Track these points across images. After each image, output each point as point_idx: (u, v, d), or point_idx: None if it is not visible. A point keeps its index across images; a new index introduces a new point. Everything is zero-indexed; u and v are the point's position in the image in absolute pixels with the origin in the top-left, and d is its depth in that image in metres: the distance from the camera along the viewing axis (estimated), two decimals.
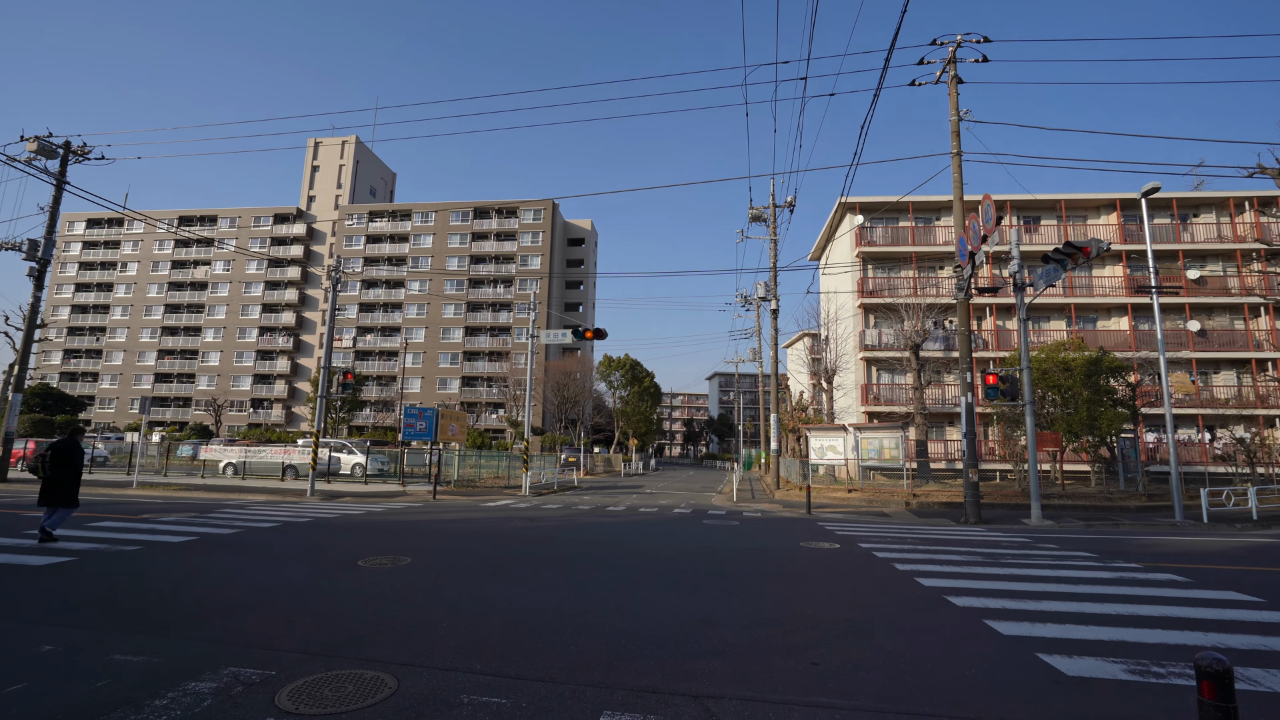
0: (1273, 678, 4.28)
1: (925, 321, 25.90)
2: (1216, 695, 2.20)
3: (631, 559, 8.72)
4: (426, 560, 8.18)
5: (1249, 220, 31.51)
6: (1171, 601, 6.45)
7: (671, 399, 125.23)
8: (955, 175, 15.58)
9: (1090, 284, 31.77)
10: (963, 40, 15.63)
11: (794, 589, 6.90)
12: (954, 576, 7.58)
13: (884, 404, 30.45)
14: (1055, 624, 5.50)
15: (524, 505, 17.01)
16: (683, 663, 4.39)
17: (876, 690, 3.96)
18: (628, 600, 6.23)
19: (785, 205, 22.54)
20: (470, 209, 69.51)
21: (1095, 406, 21.02)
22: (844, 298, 34.39)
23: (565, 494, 22.51)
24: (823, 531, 12.00)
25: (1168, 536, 12.32)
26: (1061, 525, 13.76)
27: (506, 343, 65.80)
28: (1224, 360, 30.66)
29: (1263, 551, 10.36)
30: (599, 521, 13.41)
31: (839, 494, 20.63)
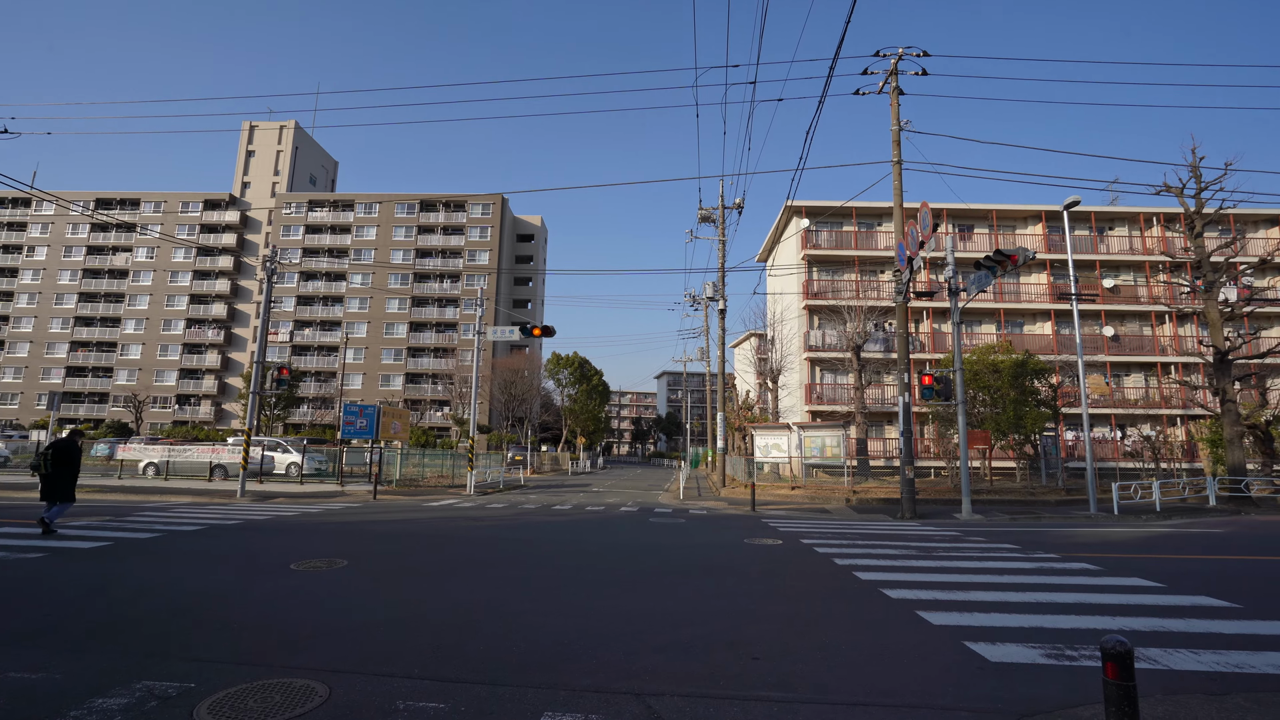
0: (1169, 656, 4.62)
1: (866, 323, 26.78)
2: (1119, 675, 2.36)
3: (576, 558, 8.68)
4: (364, 563, 7.92)
5: (1157, 235, 33.91)
6: (1084, 589, 6.87)
7: (620, 397, 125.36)
8: (896, 183, 16.15)
9: (1018, 291, 33.53)
10: (904, 53, 16.20)
11: (736, 585, 7.01)
12: (889, 570, 7.86)
13: (827, 403, 31.32)
14: (981, 613, 5.77)
15: (468, 505, 16.70)
16: (626, 661, 4.40)
17: (813, 682, 4.06)
18: (572, 599, 6.19)
19: (734, 207, 22.90)
20: (416, 201, 67.67)
21: (1021, 406, 22.22)
22: (790, 299, 35.18)
23: (511, 493, 22.23)
24: (766, 528, 12.25)
25: (1083, 528, 13.13)
26: (989, 519, 14.47)
27: (453, 339, 64.42)
28: (1134, 364, 32.91)
29: (1164, 540, 11.17)
30: (545, 521, 13.30)
31: (783, 491, 21.10)
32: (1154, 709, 3.69)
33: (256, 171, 72.46)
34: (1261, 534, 12.37)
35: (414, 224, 67.13)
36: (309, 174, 75.97)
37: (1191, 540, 11.30)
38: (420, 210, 67.63)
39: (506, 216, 70.35)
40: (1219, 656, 4.65)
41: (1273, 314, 32.75)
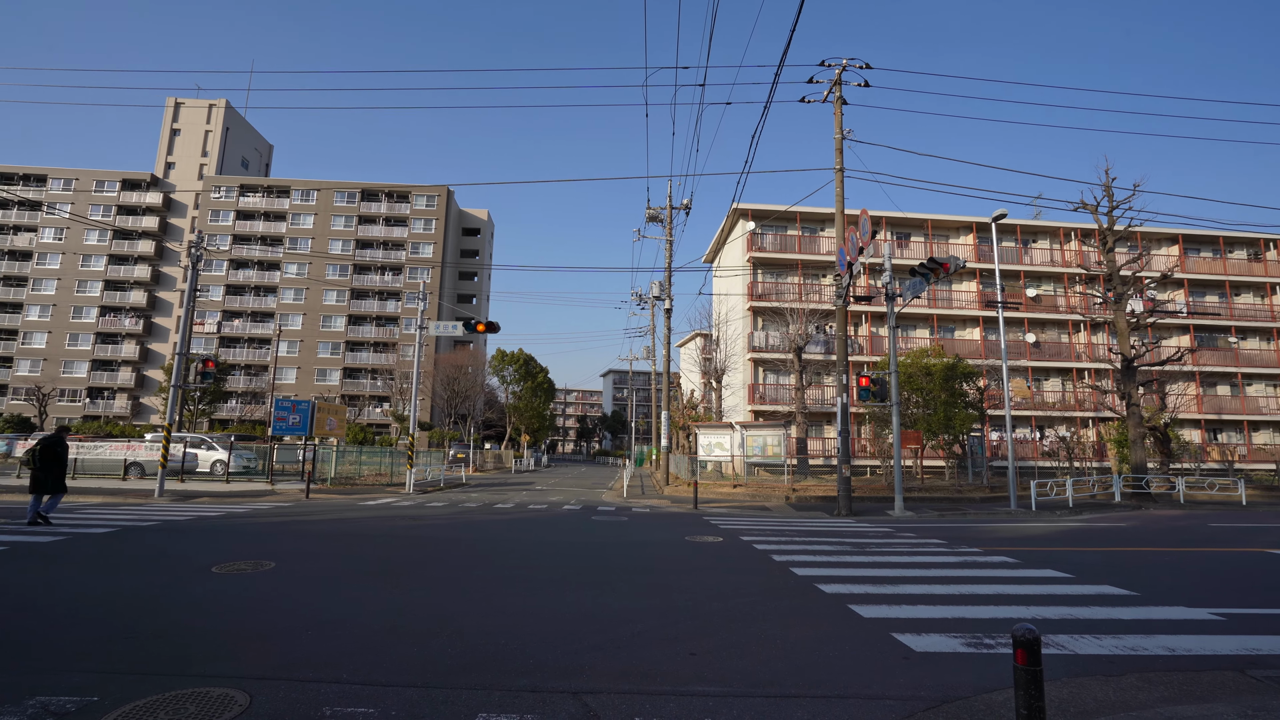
0: (1076, 642, 4.94)
1: (808, 326, 27.51)
2: (1027, 660, 2.51)
3: (516, 557, 8.58)
4: (293, 564, 7.60)
5: (1075, 248, 36.19)
6: (1004, 581, 7.28)
7: (566, 395, 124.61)
8: (838, 190, 16.64)
9: (950, 298, 35.15)
10: (848, 64, 16.71)
11: (676, 582, 7.09)
12: (825, 565, 8.10)
13: (769, 403, 32.01)
14: (909, 606, 6.02)
15: (407, 504, 16.26)
16: (563, 659, 4.38)
17: (748, 676, 4.15)
18: (509, 599, 6.12)
19: (681, 207, 23.10)
20: (358, 190, 65.28)
21: (951, 408, 23.30)
22: (735, 300, 35.77)
23: (452, 491, 21.76)
24: (708, 526, 12.42)
25: (1004, 523, 13.89)
26: (920, 516, 15.11)
27: (394, 333, 62.53)
28: (1053, 369, 35.02)
29: (1075, 534, 11.94)
30: (486, 519, 13.08)
31: (725, 489, 21.45)
32: (1059, 691, 3.94)
33: (182, 152, 68.31)
34: (1158, 527, 13.39)
35: (354, 214, 64.75)
36: (241, 157, 72.20)
37: (1099, 534, 12.12)
38: (361, 200, 65.29)
39: (452, 209, 68.77)
40: (1117, 641, 5.01)
41: (1172, 325, 35.45)
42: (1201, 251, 37.60)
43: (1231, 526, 13.62)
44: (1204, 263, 37.02)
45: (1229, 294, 36.94)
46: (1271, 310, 36.96)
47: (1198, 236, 36.77)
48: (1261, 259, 37.65)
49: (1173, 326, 35.51)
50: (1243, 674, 4.33)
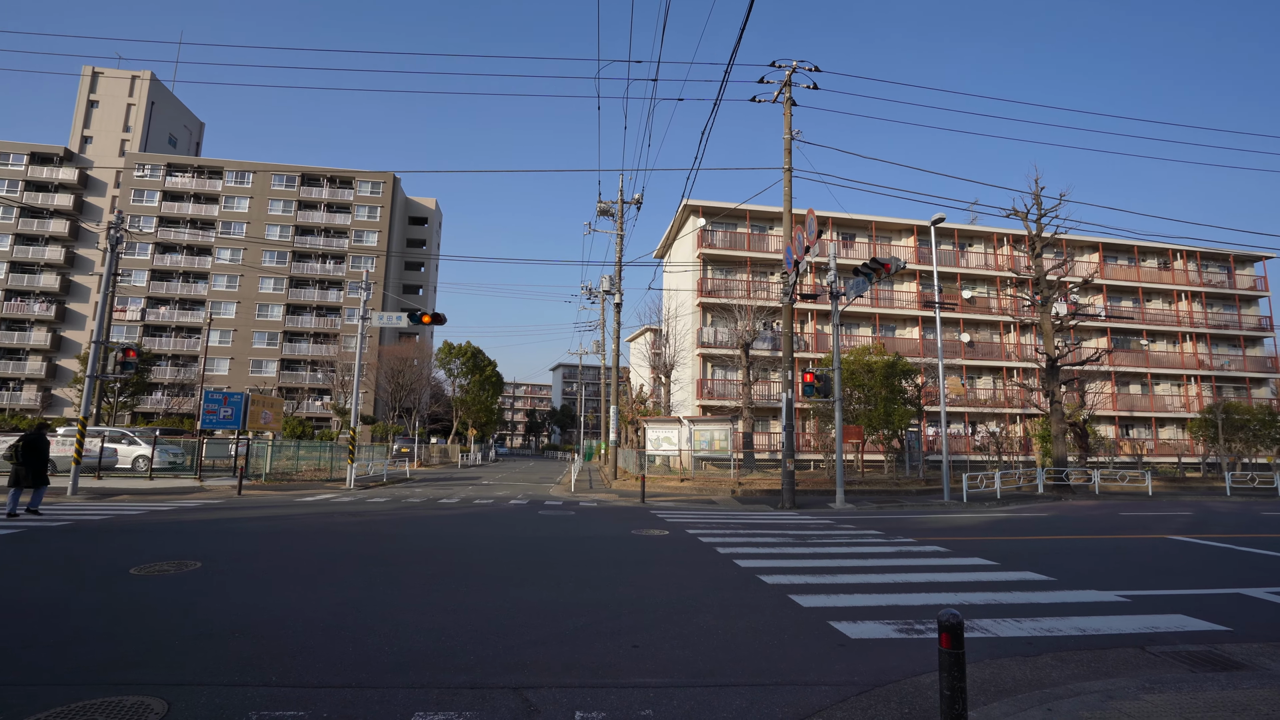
0: (998, 625, 5.22)
1: (756, 322, 28.00)
2: (951, 644, 2.62)
3: (461, 553, 8.43)
4: (221, 563, 7.25)
5: (1007, 253, 38.03)
6: (935, 569, 7.60)
7: (514, 389, 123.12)
8: (786, 189, 16.96)
9: (892, 298, 36.40)
10: (798, 66, 17.02)
11: (620, 575, 7.11)
12: (767, 557, 8.28)
13: (717, 398, 32.44)
14: (846, 595, 6.22)
15: (347, 499, 15.74)
16: (504, 655, 4.33)
17: (690, 667, 4.20)
18: (452, 595, 6.01)
19: (633, 202, 23.09)
20: (298, 174, 62.49)
21: (891, 404, 24.15)
22: (684, 296, 36.05)
23: (395, 486, 21.20)
24: (654, 519, 12.51)
25: (937, 514, 14.52)
26: (860, 508, 15.63)
27: (335, 324, 60.30)
28: (985, 367, 36.75)
29: (1002, 524, 12.59)
30: (429, 515, 12.81)
31: (672, 483, 21.64)
32: (981, 672, 4.15)
33: (101, 126, 63.85)
34: (1076, 516, 14.26)
35: (294, 199, 61.98)
36: (168, 134, 68.04)
37: (1023, 523, 12.81)
38: (302, 184, 62.56)
39: (398, 197, 66.73)
40: (1036, 623, 5.31)
41: (1092, 327, 37.74)
42: (1118, 259, 40.11)
43: (1139, 515, 14.63)
44: (1120, 270, 39.51)
45: (1141, 300, 39.57)
46: (1177, 316, 39.80)
47: (1115, 245, 39.21)
48: (1170, 268, 40.46)
49: (1092, 329, 37.78)
50: (1143, 650, 4.67)
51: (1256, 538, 10.88)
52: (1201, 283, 40.50)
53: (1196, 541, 10.34)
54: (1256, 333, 40.95)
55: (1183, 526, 12.43)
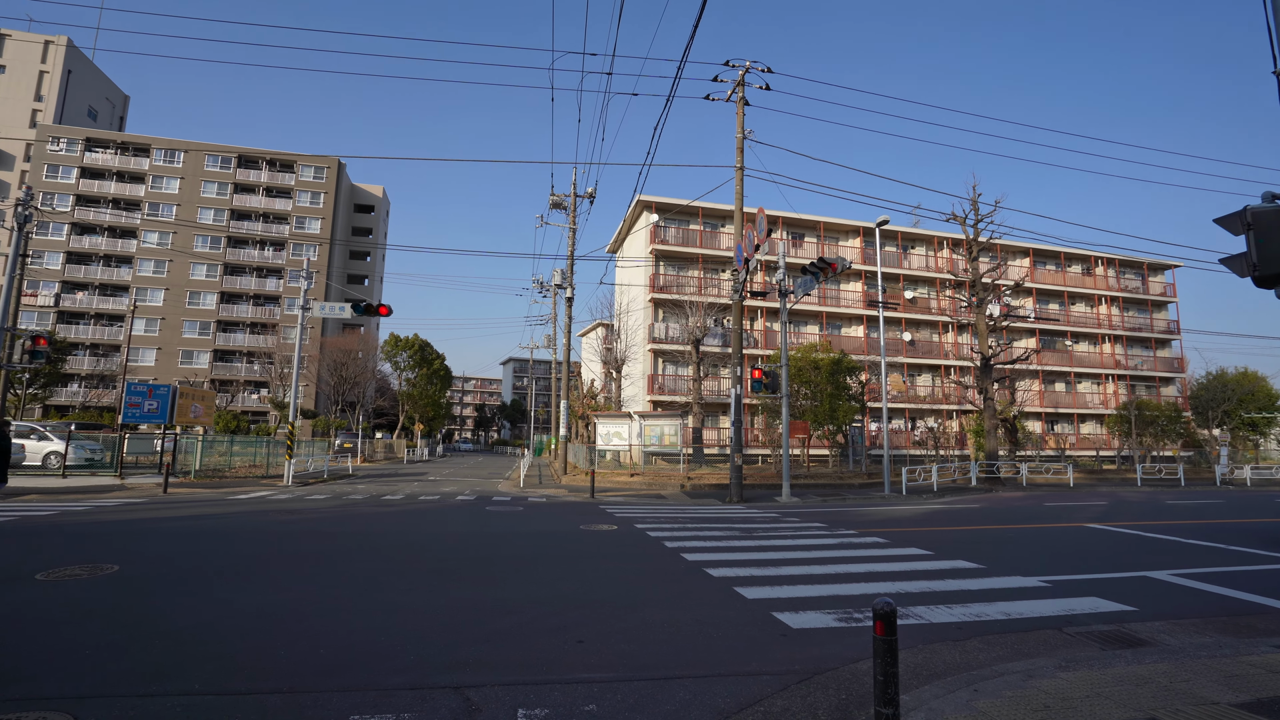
0: (931, 612, 5.43)
1: (707, 319, 28.29)
2: (885, 631, 2.71)
3: (404, 550, 8.22)
4: (141, 566, 6.85)
5: (946, 256, 39.59)
6: (875, 560, 7.86)
7: (464, 383, 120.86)
8: (738, 187, 17.17)
9: (839, 297, 37.39)
10: (750, 66, 17.24)
11: (567, 571, 7.08)
12: (714, 550, 8.39)
13: (667, 394, 32.66)
14: (789, 586, 6.36)
15: (284, 497, 15.14)
16: (446, 654, 4.25)
17: (634, 660, 4.21)
18: (393, 594, 5.85)
19: (586, 196, 22.94)
20: (234, 155, 59.42)
21: (836, 400, 24.82)
22: (636, 291, 36.10)
23: (337, 483, 20.51)
24: (603, 514, 12.50)
25: (878, 507, 15.02)
26: (805, 501, 16.02)
27: (275, 313, 57.74)
28: (925, 365, 38.21)
29: (938, 515, 13.13)
30: (372, 512, 12.44)
31: (622, 478, 21.68)
32: (915, 657, 4.31)
33: (9, 94, 59.05)
34: (1005, 507, 15.01)
35: (230, 181, 58.92)
36: (87, 106, 63.55)
37: (957, 514, 13.40)
38: (239, 166, 59.53)
39: (343, 183, 64.34)
40: (965, 609, 5.56)
41: (1022, 328, 39.73)
42: (1047, 265, 42.32)
43: (1061, 505, 15.52)
44: (1049, 275, 41.71)
45: (1067, 303, 41.89)
46: (1098, 319, 42.33)
47: (1044, 251, 41.34)
48: (1092, 274, 42.98)
49: (1022, 330, 39.77)
50: (1060, 631, 4.95)
51: (1161, 524, 11.70)
52: (1119, 288, 43.19)
53: (1110, 529, 11.03)
54: (1166, 335, 43.98)
55: (1098, 515, 13.24)
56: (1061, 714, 3.33)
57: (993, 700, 3.52)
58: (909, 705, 3.46)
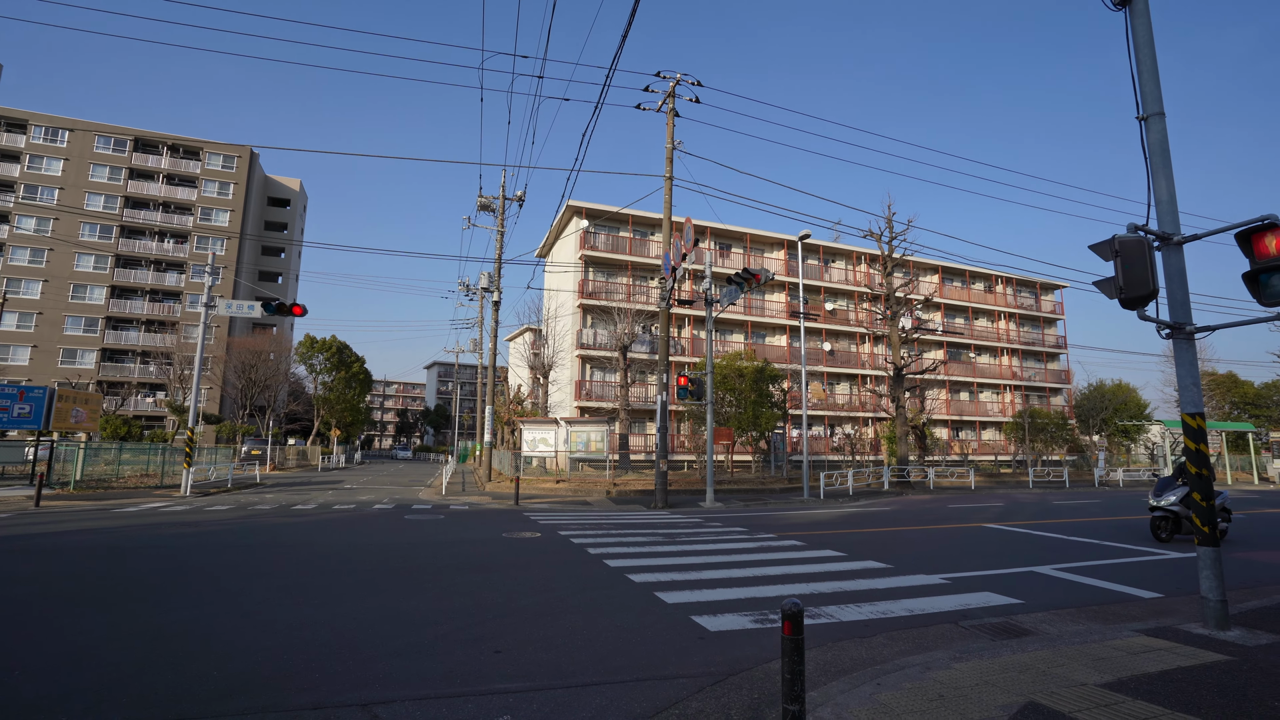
0: (842, 611, 5.69)
1: (635, 325, 28.50)
2: (792, 631, 2.82)
3: (314, 562, 7.81)
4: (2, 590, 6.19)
5: (864, 270, 41.62)
6: (792, 562, 8.14)
7: (385, 387, 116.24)
8: (667, 197, 17.44)
9: (764, 307, 38.54)
10: (681, 78, 17.58)
11: (487, 579, 6.94)
12: (637, 556, 8.45)
13: (595, 400, 32.63)
14: (709, 589, 6.49)
15: (181, 508, 14.05)
16: (355, 670, 4.07)
17: (553, 668, 4.18)
18: (299, 609, 5.55)
19: (515, 199, 22.64)
20: (130, 138, 54.82)
21: (759, 407, 25.54)
22: (565, 297, 35.93)
23: (242, 493, 19.24)
24: (527, 521, 12.34)
25: (797, 510, 15.56)
26: (728, 506, 16.37)
27: (175, 310, 53.57)
28: (844, 374, 39.96)
29: (853, 518, 13.74)
30: (280, 522, 11.75)
31: (548, 485, 21.46)
32: (824, 654, 4.50)
33: None
34: (913, 509, 15.90)
35: (124, 165, 54.30)
36: None
37: (869, 517, 14.07)
38: (136, 150, 54.98)
39: (256, 174, 60.65)
40: (873, 607, 5.85)
41: (931, 340, 42.28)
42: (954, 282, 45.27)
43: (963, 507, 16.59)
44: (955, 291, 44.62)
45: (971, 318, 44.95)
46: (998, 333, 45.65)
47: (952, 269, 44.21)
48: (994, 291, 46.34)
49: (931, 342, 42.30)
50: (957, 625, 5.30)
51: (1048, 523, 12.73)
52: (1016, 305, 46.76)
53: (1004, 528, 11.90)
54: (1055, 349, 47.98)
55: (995, 515, 14.25)
56: (954, 702, 3.56)
57: (893, 692, 3.72)
58: (817, 701, 3.61)
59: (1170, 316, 5.39)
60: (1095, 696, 3.64)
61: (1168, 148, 5.54)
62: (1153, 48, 5.69)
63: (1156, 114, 5.56)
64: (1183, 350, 5.38)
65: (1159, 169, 5.53)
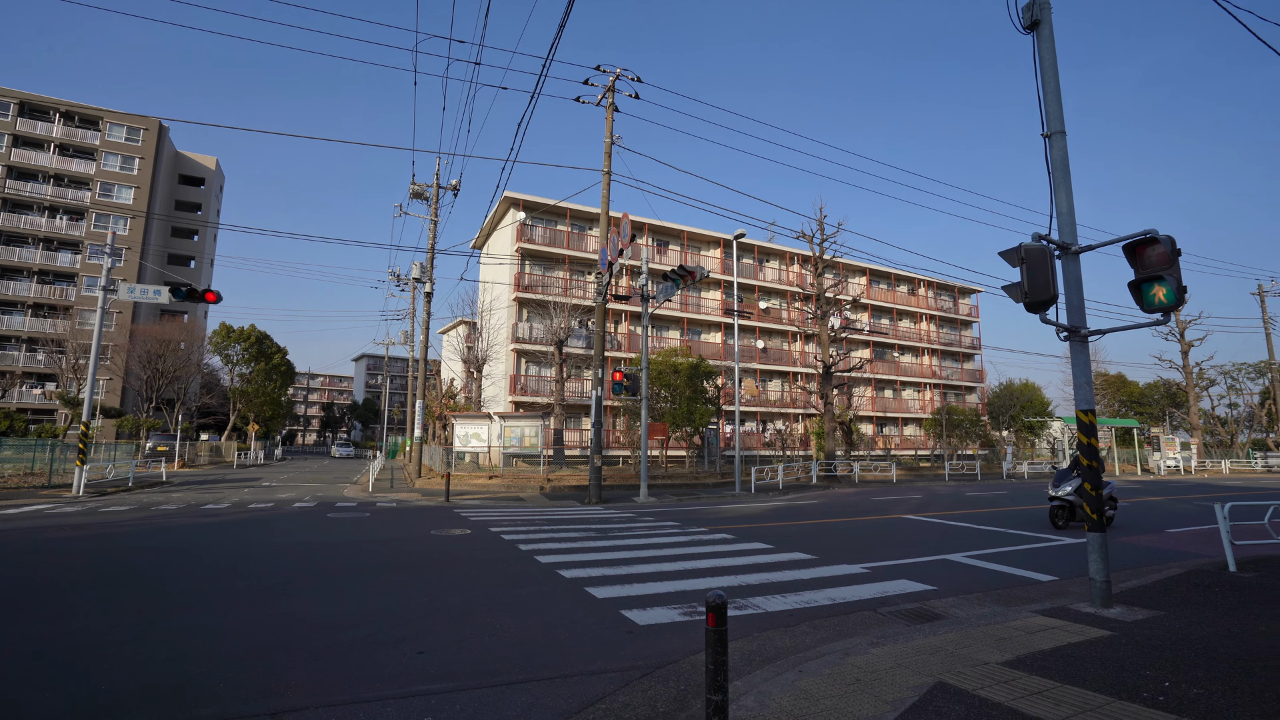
0: (768, 601, 5.84)
1: (571, 320, 28.32)
2: (716, 623, 2.87)
3: (228, 565, 7.36)
4: None
5: (797, 271, 42.87)
6: (722, 555, 8.30)
7: (309, 380, 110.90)
8: (605, 191, 17.39)
9: (700, 304, 39.06)
10: (621, 74, 17.54)
11: (413, 579, 6.74)
12: (568, 552, 8.40)
13: (530, 394, 32.22)
14: (640, 584, 6.53)
15: (72, 510, 12.93)
16: (266, 677, 3.86)
17: (479, 668, 4.10)
18: (206, 615, 5.22)
19: (449, 187, 22.00)
20: (14, 101, 49.75)
21: (694, 403, 25.89)
22: (501, 289, 35.29)
23: (146, 492, 17.91)
24: (457, 518, 12.06)
25: (729, 505, 15.89)
26: (662, 501, 16.53)
27: (68, 294, 49.14)
28: (776, 372, 41.05)
29: (781, 511, 14.15)
30: (188, 523, 11.01)
31: (481, 481, 21.06)
32: (749, 644, 4.61)
33: None
34: (840, 502, 16.53)
35: (8, 131, 49.33)
36: None
37: (798, 510, 14.53)
38: (21, 115, 49.98)
39: (165, 149, 56.36)
40: (798, 597, 6.04)
41: (858, 340, 44.04)
42: (880, 284, 47.28)
43: (885, 499, 17.39)
44: (882, 293, 46.62)
45: (895, 319, 47.09)
46: (920, 334, 48.05)
47: (879, 272, 46.15)
48: (916, 294, 48.73)
49: (858, 341, 44.05)
50: (875, 612, 5.54)
51: (961, 513, 13.52)
52: (937, 308, 49.34)
53: (922, 519, 12.55)
54: (970, 350, 50.98)
55: (914, 507, 15.01)
56: (870, 685, 3.72)
57: (814, 679, 3.85)
58: (741, 690, 3.69)
59: (1067, 320, 5.81)
60: (996, 674, 3.88)
61: (1068, 164, 5.95)
62: (1056, 71, 6.10)
63: (1059, 132, 5.97)
64: (1078, 352, 5.81)
65: (1060, 183, 5.93)
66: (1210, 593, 6.09)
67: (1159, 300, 5.19)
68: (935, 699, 3.50)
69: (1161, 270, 5.15)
